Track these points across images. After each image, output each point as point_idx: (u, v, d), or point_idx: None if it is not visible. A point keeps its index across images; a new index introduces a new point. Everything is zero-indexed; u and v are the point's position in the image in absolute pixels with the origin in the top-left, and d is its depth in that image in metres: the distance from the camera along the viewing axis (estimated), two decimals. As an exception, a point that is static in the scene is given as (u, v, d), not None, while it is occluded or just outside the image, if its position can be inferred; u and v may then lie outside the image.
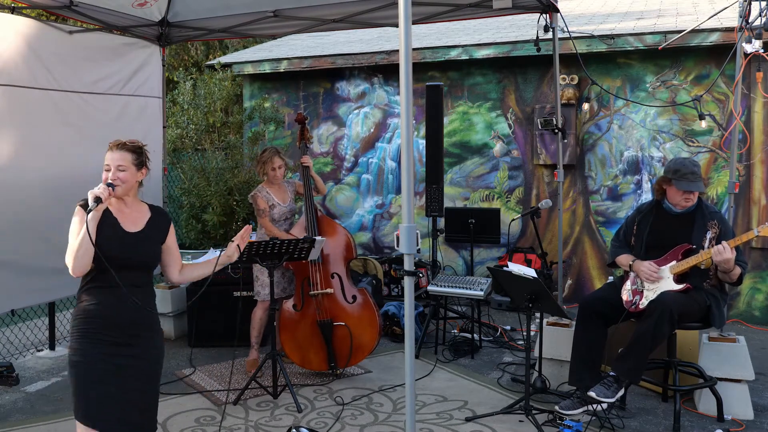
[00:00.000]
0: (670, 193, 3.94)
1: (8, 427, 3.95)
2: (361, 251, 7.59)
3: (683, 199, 3.87)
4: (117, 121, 5.19)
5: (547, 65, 6.72)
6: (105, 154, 2.81)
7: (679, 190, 3.85)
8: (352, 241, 4.82)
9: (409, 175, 2.34)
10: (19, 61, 4.33)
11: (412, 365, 2.41)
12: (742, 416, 4.00)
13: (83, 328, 2.70)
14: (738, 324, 6.07)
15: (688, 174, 3.82)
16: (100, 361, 2.68)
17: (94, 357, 2.68)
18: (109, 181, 2.75)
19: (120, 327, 2.73)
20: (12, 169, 4.32)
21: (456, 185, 7.28)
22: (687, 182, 3.82)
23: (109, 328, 2.71)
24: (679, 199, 3.89)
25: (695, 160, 3.91)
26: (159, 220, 2.92)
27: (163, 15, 5.32)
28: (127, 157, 2.80)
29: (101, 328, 2.70)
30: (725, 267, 3.66)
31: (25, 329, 5.78)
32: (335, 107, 7.82)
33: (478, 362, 5.08)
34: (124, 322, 2.73)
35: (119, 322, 2.73)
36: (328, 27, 5.54)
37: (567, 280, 6.83)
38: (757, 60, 5.63)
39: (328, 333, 4.61)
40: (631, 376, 3.73)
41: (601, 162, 6.70)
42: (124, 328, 2.74)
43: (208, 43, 13.03)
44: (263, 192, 4.86)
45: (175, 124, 7.03)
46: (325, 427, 3.89)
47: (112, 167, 2.78)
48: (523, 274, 3.83)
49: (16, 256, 4.37)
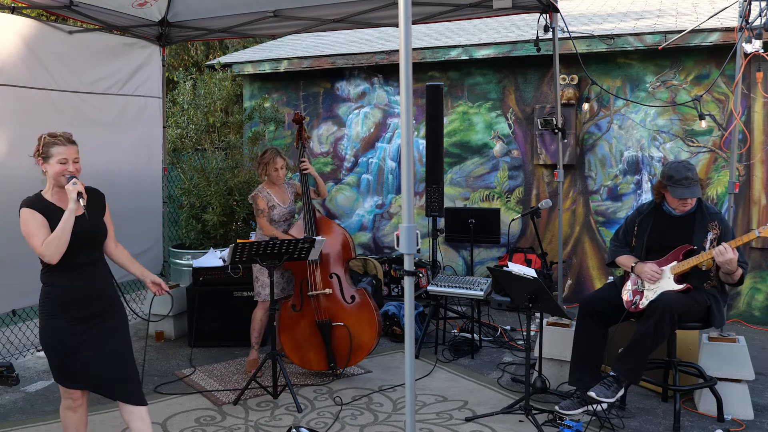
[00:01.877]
0: (667, 198, 3.94)
1: (8, 427, 3.95)
2: (361, 251, 7.59)
3: (680, 204, 3.87)
4: (116, 121, 5.19)
5: (547, 65, 6.72)
6: (55, 147, 2.98)
7: (674, 198, 3.86)
8: (350, 241, 4.81)
9: (409, 175, 2.34)
10: (18, 61, 4.33)
11: (412, 365, 2.41)
12: (742, 416, 4.00)
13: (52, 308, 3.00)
14: (738, 324, 6.07)
15: (682, 180, 3.80)
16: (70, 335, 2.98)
17: (64, 332, 2.98)
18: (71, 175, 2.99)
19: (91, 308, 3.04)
20: (11, 168, 4.32)
21: (456, 185, 7.28)
22: (682, 188, 3.80)
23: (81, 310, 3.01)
24: (677, 205, 3.89)
25: (690, 164, 3.88)
26: (96, 199, 3.19)
27: (163, 15, 5.33)
28: (77, 150, 3.07)
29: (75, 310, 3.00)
30: (728, 268, 3.66)
31: (25, 329, 5.78)
32: (335, 107, 7.82)
33: (478, 362, 5.08)
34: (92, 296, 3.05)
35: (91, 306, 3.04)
36: (328, 27, 5.54)
37: (567, 280, 6.83)
38: (757, 60, 5.63)
39: (327, 333, 4.61)
40: (631, 376, 3.73)
41: (601, 162, 6.70)
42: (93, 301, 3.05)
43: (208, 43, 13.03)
44: (264, 192, 4.86)
45: (175, 124, 7.02)
46: (325, 427, 3.89)
47: (69, 160, 3.00)
48: (523, 274, 3.82)
49: (16, 256, 4.37)
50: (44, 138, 3.01)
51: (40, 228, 2.95)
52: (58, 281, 3.01)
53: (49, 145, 2.99)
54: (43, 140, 3.01)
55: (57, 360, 3.03)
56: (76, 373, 3.04)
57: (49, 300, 3.01)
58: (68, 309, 3.00)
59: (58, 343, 2.99)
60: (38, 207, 2.99)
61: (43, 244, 2.91)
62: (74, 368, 3.02)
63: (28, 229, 2.95)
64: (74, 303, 3.01)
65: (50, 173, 3.01)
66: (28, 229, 2.95)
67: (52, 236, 2.91)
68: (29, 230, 2.95)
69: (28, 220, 2.96)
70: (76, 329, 2.99)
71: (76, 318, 3.00)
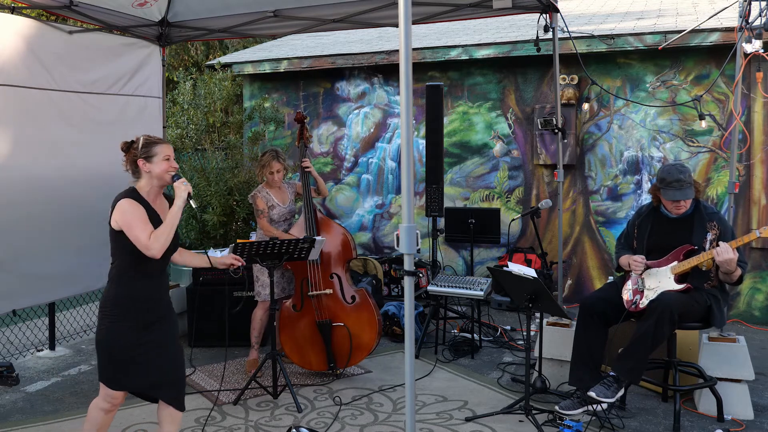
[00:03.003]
0: (662, 200, 3.95)
1: (8, 427, 3.95)
2: (361, 251, 7.59)
3: (673, 206, 3.88)
4: (116, 121, 5.18)
5: (547, 65, 6.72)
6: (158, 146, 3.04)
7: (667, 200, 3.87)
8: (351, 241, 4.81)
9: (409, 175, 2.34)
10: (19, 61, 4.33)
11: (412, 365, 2.41)
12: (742, 416, 4.00)
13: (120, 311, 2.96)
14: (738, 324, 6.07)
15: (674, 182, 3.82)
16: (135, 339, 2.96)
17: (130, 336, 2.96)
18: (176, 173, 3.08)
19: (158, 312, 3.05)
20: (11, 168, 4.31)
21: (456, 185, 7.28)
22: (673, 191, 3.81)
23: (149, 314, 3.01)
24: (671, 207, 3.90)
25: (684, 166, 3.88)
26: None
27: (163, 15, 5.32)
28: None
29: (143, 314, 2.99)
30: (727, 268, 3.66)
31: (25, 329, 5.78)
32: (335, 107, 7.82)
33: (478, 362, 5.08)
34: (160, 303, 3.08)
35: (158, 309, 3.06)
36: (328, 27, 5.54)
37: (567, 280, 6.83)
38: (757, 60, 5.63)
39: (327, 333, 4.61)
40: (631, 376, 3.73)
41: (601, 162, 6.70)
42: (159, 307, 3.07)
43: (208, 43, 13.03)
44: (263, 192, 4.86)
45: (175, 124, 7.02)
46: (325, 427, 3.89)
47: (171, 158, 3.07)
48: (523, 274, 3.82)
49: (17, 256, 4.37)
50: (142, 139, 3.04)
51: (144, 220, 2.93)
52: (136, 288, 2.99)
53: (151, 144, 3.04)
54: (141, 141, 3.03)
55: (115, 362, 2.98)
56: (131, 377, 3.00)
57: (120, 304, 2.98)
58: (138, 314, 2.98)
59: (121, 346, 2.96)
60: (138, 200, 2.98)
61: (152, 236, 2.88)
62: (130, 371, 2.99)
63: (130, 220, 2.90)
64: (144, 310, 3.00)
65: (156, 172, 3.03)
66: (130, 220, 2.90)
67: (161, 229, 2.92)
68: (131, 221, 2.90)
69: (131, 211, 2.92)
70: (141, 333, 2.98)
71: (142, 322, 2.99)
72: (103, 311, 3.00)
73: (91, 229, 4.97)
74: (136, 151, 3.04)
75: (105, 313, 2.99)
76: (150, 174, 3.04)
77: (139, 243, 2.89)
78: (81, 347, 5.62)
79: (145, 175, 3.05)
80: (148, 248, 2.89)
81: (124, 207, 2.93)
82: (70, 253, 4.74)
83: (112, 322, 2.96)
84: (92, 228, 4.98)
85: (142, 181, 3.06)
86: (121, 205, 2.94)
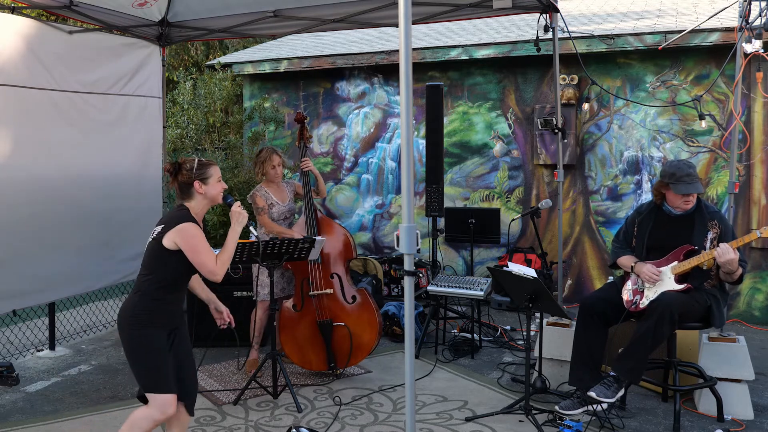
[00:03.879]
0: (669, 197, 3.93)
1: (8, 427, 3.95)
2: (361, 251, 7.59)
3: (683, 202, 3.87)
4: (117, 121, 5.19)
5: (547, 65, 6.72)
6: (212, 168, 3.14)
7: (678, 194, 3.85)
8: (351, 241, 4.81)
9: (409, 175, 2.34)
10: (19, 61, 4.33)
11: (412, 365, 2.41)
12: (742, 416, 3.99)
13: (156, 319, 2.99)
14: (738, 324, 6.07)
15: (684, 177, 3.82)
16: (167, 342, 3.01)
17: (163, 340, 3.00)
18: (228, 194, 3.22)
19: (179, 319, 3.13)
20: (12, 169, 4.32)
21: (456, 185, 7.28)
22: (685, 185, 3.81)
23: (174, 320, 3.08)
24: (679, 203, 3.89)
25: (690, 162, 3.90)
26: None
27: (163, 15, 5.32)
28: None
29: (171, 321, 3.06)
30: (729, 268, 3.66)
31: (25, 329, 5.78)
32: (335, 107, 7.82)
33: (478, 362, 5.08)
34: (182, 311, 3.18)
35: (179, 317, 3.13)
36: (328, 27, 5.54)
37: (567, 280, 6.83)
38: (757, 60, 5.63)
39: (327, 333, 4.61)
40: (631, 376, 3.73)
41: (601, 162, 6.70)
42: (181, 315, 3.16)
43: (208, 43, 13.03)
44: (262, 191, 4.86)
45: (175, 124, 7.03)
46: (325, 427, 3.89)
47: (221, 178, 3.19)
48: (523, 274, 3.82)
49: (17, 256, 4.37)
50: (196, 162, 3.09)
51: (208, 245, 2.98)
52: (167, 300, 3.02)
53: (205, 166, 3.11)
54: (196, 164, 3.09)
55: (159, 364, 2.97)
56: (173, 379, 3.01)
57: (152, 312, 2.98)
58: (164, 320, 3.02)
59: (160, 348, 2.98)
60: (196, 223, 3.03)
61: (218, 262, 2.95)
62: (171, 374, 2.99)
63: (197, 245, 2.94)
64: (171, 316, 3.06)
65: (211, 194, 3.11)
66: (197, 245, 2.94)
67: (224, 257, 2.99)
68: (199, 246, 2.95)
69: (198, 236, 2.97)
70: (168, 339, 3.01)
71: (168, 327, 3.03)
72: (130, 320, 2.98)
73: (91, 229, 4.97)
74: (190, 173, 3.07)
75: (133, 320, 2.97)
76: (204, 195, 3.10)
77: (205, 268, 2.94)
78: (81, 347, 5.62)
79: (198, 197, 3.09)
80: (215, 273, 2.95)
81: (191, 232, 2.95)
82: (70, 253, 4.75)
83: (144, 326, 2.96)
84: (92, 228, 4.99)
85: (193, 202, 3.10)
86: (187, 230, 2.95)
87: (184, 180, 3.08)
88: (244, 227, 3.20)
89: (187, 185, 3.08)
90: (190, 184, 3.08)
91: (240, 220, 3.14)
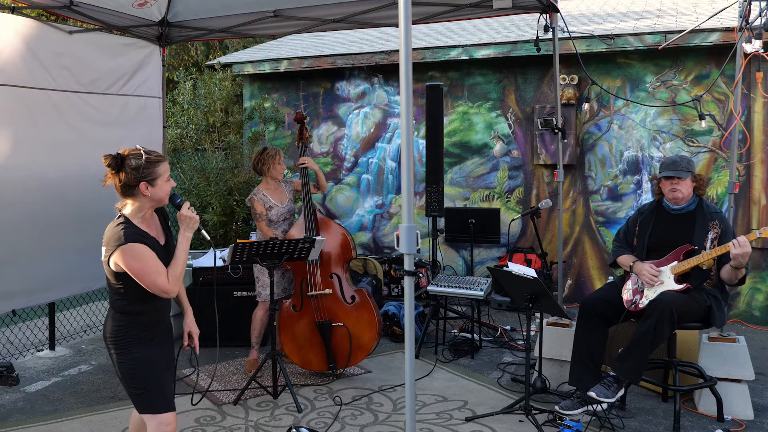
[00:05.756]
0: (662, 188, 4.01)
1: (8, 427, 3.95)
2: (361, 251, 7.59)
3: (669, 190, 3.93)
4: (116, 121, 5.18)
5: (547, 65, 6.72)
6: (162, 165, 2.73)
7: (666, 183, 3.94)
8: (351, 241, 4.81)
9: (409, 175, 2.34)
10: (19, 61, 4.33)
11: (412, 365, 2.41)
12: (742, 416, 4.00)
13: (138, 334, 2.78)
14: (738, 324, 6.07)
15: (670, 164, 3.93)
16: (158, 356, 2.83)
17: (153, 356, 2.81)
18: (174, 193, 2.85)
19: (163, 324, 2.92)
20: (11, 169, 4.31)
21: (456, 185, 7.27)
22: (666, 170, 3.91)
23: (158, 328, 2.87)
24: (667, 191, 3.96)
25: (684, 156, 3.96)
26: (162, 218, 2.93)
27: (163, 15, 5.32)
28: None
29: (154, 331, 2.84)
30: (741, 262, 3.63)
31: (25, 329, 5.78)
32: (335, 107, 7.82)
33: (478, 362, 5.08)
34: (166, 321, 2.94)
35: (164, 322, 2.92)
36: (328, 27, 5.54)
37: (567, 280, 6.83)
38: (757, 60, 5.63)
39: (326, 333, 4.61)
40: (631, 376, 3.73)
41: (601, 162, 6.70)
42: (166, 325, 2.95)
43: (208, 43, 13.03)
44: (260, 195, 4.85)
45: (175, 124, 7.03)
46: (325, 427, 3.89)
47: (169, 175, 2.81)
48: (523, 274, 3.82)
49: (17, 256, 4.37)
50: (142, 158, 2.67)
51: (156, 261, 2.66)
52: (146, 310, 2.78)
53: (153, 164, 2.70)
54: (143, 162, 2.67)
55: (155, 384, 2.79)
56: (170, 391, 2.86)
57: (134, 328, 2.76)
58: (151, 332, 2.81)
59: (151, 366, 2.78)
60: (143, 239, 2.67)
61: (171, 279, 2.67)
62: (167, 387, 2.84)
63: (142, 267, 2.62)
64: (155, 325, 2.84)
65: (158, 196, 2.73)
66: (142, 267, 2.62)
67: (177, 271, 2.70)
68: (148, 267, 2.63)
69: (146, 257, 2.63)
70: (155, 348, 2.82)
71: (151, 336, 2.81)
72: (113, 341, 2.76)
73: (91, 229, 4.95)
74: (135, 173, 2.66)
75: (116, 341, 2.76)
76: (150, 198, 2.72)
77: (155, 288, 2.65)
78: (81, 347, 5.62)
79: (142, 199, 2.71)
80: (167, 292, 2.69)
81: (131, 254, 2.61)
82: (70, 253, 4.75)
83: (126, 346, 2.75)
84: (92, 228, 4.97)
85: (136, 204, 2.73)
86: (127, 252, 2.60)
87: (128, 180, 2.66)
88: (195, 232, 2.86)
89: (131, 187, 2.68)
90: (134, 185, 2.67)
91: (191, 225, 2.79)
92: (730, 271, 3.75)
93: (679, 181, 3.89)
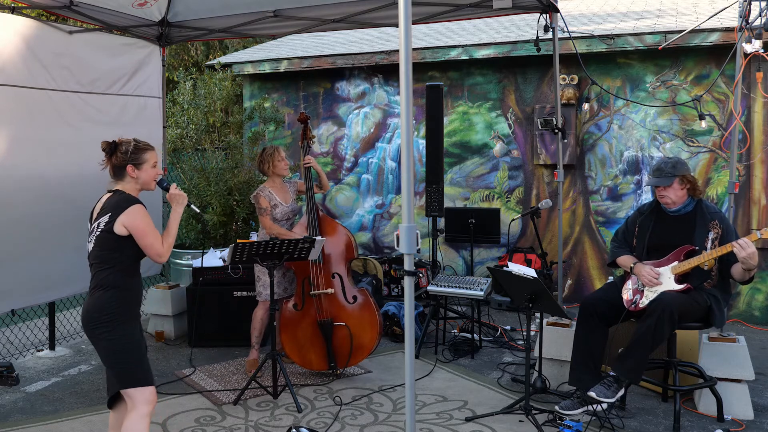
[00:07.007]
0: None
1: (8, 427, 3.95)
2: (361, 251, 7.59)
3: (659, 197, 3.97)
4: (116, 121, 5.19)
5: (547, 65, 6.71)
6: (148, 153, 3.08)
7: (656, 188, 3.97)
8: (353, 241, 4.81)
9: (409, 175, 2.34)
10: (18, 61, 4.33)
11: (412, 365, 2.41)
12: (742, 416, 4.00)
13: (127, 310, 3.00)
14: (738, 324, 6.07)
15: (654, 171, 3.94)
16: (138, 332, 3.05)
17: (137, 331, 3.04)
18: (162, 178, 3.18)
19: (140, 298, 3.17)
20: (11, 168, 4.32)
21: (456, 185, 7.27)
22: (651, 177, 3.99)
23: (137, 306, 3.10)
24: (658, 197, 3.99)
25: (673, 159, 3.93)
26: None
27: (163, 15, 5.33)
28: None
29: (137, 307, 3.10)
30: (750, 263, 3.58)
31: (25, 329, 5.78)
32: (335, 107, 7.82)
33: (478, 362, 5.08)
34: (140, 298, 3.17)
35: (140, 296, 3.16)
36: (328, 27, 5.54)
37: (567, 280, 6.83)
38: (757, 60, 5.63)
39: (328, 333, 4.61)
40: (631, 376, 3.73)
41: (601, 162, 6.70)
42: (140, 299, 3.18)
43: (208, 43, 13.03)
44: (265, 192, 4.86)
45: (175, 124, 7.03)
46: (325, 427, 3.89)
47: (158, 164, 3.15)
48: (523, 274, 3.82)
49: (16, 256, 4.37)
50: (131, 145, 3.04)
51: (154, 227, 2.98)
52: (134, 285, 3.04)
53: (141, 151, 3.06)
54: (131, 147, 3.04)
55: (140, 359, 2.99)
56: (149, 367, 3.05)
57: (126, 304, 2.99)
58: (136, 308, 3.07)
59: (138, 342, 3.00)
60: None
61: (165, 245, 2.98)
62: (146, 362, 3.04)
63: (145, 226, 2.93)
64: (138, 303, 3.10)
65: (144, 179, 3.07)
66: (145, 226, 2.93)
67: (170, 239, 3.02)
68: (147, 228, 2.94)
69: (146, 217, 2.95)
70: (138, 325, 3.06)
71: (135, 314, 3.06)
72: (109, 318, 2.92)
73: (91, 229, 4.97)
74: (124, 156, 3.04)
75: (111, 318, 2.92)
76: (136, 180, 3.07)
77: (152, 250, 2.95)
78: (81, 347, 5.62)
79: (130, 180, 3.07)
80: (161, 255, 2.97)
81: (140, 213, 2.93)
82: (70, 253, 4.74)
83: (122, 322, 2.95)
84: (92, 228, 4.99)
85: (126, 185, 3.07)
86: (137, 211, 2.93)
87: (118, 162, 3.04)
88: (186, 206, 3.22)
89: (120, 168, 3.05)
90: (123, 167, 3.04)
91: (180, 201, 3.16)
92: (741, 272, 3.72)
93: (664, 188, 3.89)
